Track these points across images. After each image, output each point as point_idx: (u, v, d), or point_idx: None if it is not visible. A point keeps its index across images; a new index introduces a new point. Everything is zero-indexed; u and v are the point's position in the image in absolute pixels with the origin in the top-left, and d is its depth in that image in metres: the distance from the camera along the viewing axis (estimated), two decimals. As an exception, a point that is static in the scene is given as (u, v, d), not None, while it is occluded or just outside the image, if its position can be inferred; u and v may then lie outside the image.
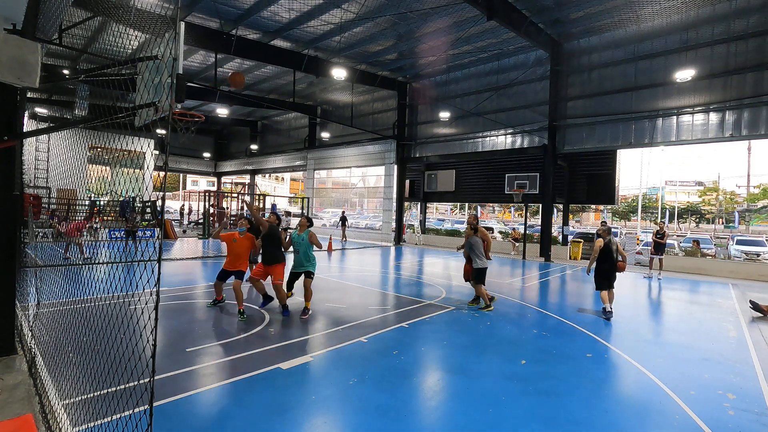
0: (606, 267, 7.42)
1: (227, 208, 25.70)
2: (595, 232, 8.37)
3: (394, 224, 22.15)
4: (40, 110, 22.85)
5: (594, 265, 7.60)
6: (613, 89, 15.57)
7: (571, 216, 33.80)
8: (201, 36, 14.76)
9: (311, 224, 6.99)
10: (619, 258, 7.60)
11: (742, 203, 44.09)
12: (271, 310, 6.92)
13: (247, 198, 28.22)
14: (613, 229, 13.67)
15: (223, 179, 39.17)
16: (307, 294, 6.73)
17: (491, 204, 53.25)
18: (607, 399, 4.11)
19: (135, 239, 14.44)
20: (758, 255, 17.97)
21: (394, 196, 22.24)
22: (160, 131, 15.14)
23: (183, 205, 33.48)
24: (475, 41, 16.50)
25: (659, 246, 12.24)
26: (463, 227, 29.44)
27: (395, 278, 11.15)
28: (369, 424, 3.44)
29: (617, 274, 7.56)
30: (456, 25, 14.83)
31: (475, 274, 7.57)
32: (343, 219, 22.66)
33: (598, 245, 7.46)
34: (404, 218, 23.18)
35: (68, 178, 5.23)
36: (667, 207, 50.86)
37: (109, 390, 3.42)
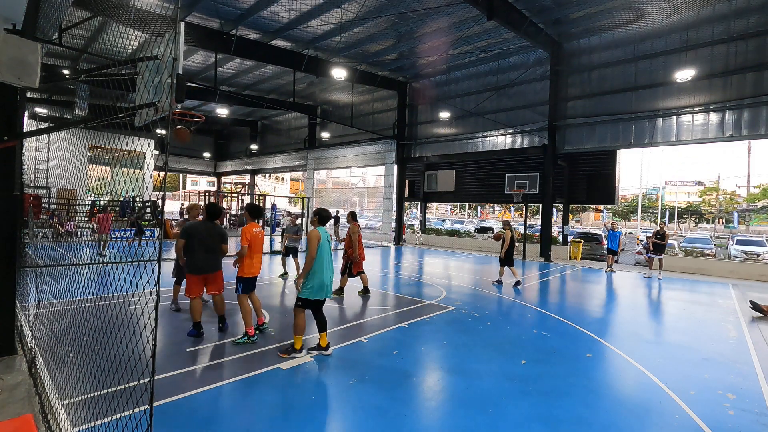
0: (512, 251, 10.28)
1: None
2: (501, 225, 10.71)
3: (394, 224, 22.12)
4: (40, 110, 22.82)
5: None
6: (613, 89, 15.56)
7: (571, 216, 33.79)
8: (201, 36, 14.76)
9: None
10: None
11: (742, 203, 44.07)
12: (270, 309, 6.92)
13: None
14: (618, 230, 14.10)
15: (223, 179, 39.18)
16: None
17: (491, 204, 53.28)
18: (607, 399, 4.11)
19: (140, 236, 14.43)
20: (758, 255, 17.97)
21: (394, 196, 22.22)
22: (160, 131, 15.12)
23: (183, 204, 33.32)
24: (475, 41, 16.49)
25: (659, 246, 12.29)
26: (463, 227, 29.44)
27: (395, 278, 11.15)
28: (369, 424, 3.44)
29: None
30: (456, 25, 14.83)
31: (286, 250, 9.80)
32: (336, 219, 21.86)
33: (509, 236, 10.15)
34: (404, 218, 23.13)
35: (68, 178, 5.22)
36: (667, 207, 50.84)
37: (109, 390, 3.41)
